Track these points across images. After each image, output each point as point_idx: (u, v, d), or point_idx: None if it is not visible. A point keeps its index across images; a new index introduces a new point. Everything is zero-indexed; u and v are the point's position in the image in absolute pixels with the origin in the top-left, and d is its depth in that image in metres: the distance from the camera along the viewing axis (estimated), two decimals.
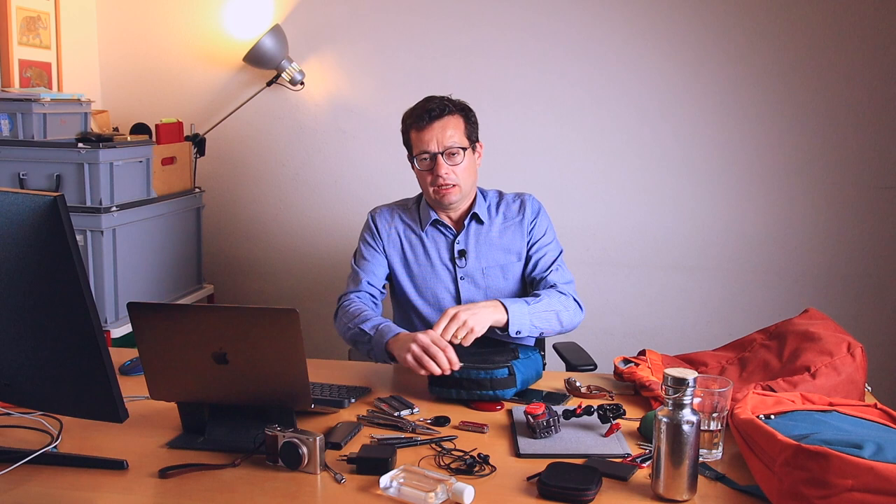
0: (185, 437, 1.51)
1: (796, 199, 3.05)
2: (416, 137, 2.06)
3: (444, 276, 2.12)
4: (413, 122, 2.06)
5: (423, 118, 2.03)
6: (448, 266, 2.12)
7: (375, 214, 2.21)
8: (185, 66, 3.28)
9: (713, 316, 3.13)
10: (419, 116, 2.05)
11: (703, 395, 1.42)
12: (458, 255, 2.11)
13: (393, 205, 2.24)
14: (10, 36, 2.78)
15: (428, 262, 2.13)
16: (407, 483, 1.30)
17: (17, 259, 1.28)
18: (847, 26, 2.93)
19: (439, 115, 2.03)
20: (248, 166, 3.32)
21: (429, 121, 2.03)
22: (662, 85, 3.05)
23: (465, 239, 2.12)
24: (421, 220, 2.16)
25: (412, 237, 2.15)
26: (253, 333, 1.41)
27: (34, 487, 1.33)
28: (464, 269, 2.11)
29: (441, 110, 2.04)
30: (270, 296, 3.34)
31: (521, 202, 2.17)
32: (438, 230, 2.14)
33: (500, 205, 2.17)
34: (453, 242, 2.13)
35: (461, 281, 2.11)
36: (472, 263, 2.11)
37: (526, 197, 2.19)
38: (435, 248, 2.13)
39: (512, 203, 2.17)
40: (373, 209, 2.23)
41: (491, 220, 2.14)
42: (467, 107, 2.11)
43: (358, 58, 3.19)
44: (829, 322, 1.78)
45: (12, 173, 2.51)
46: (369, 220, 2.21)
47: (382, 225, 2.17)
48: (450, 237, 2.13)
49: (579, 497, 1.27)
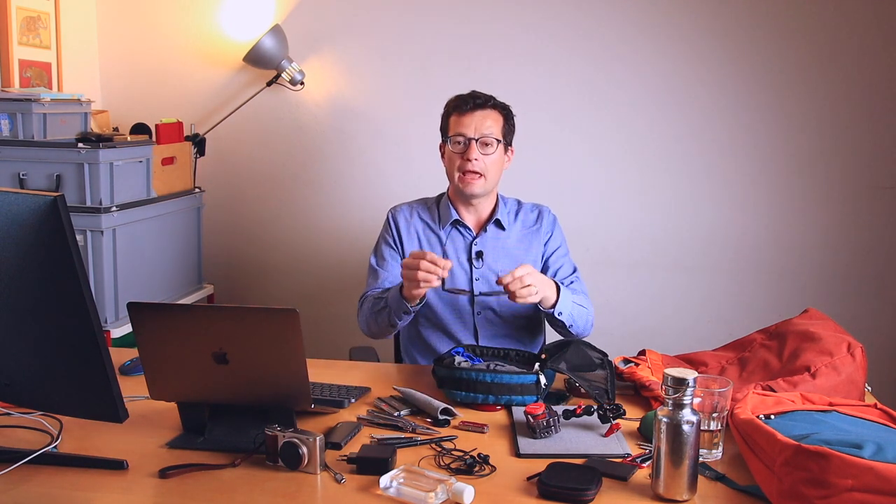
0: (185, 437, 1.51)
1: (796, 199, 3.05)
2: (455, 121, 2.09)
3: (460, 275, 2.12)
4: (455, 107, 2.11)
5: (467, 103, 2.08)
6: (465, 266, 2.13)
7: (396, 213, 2.22)
8: (185, 66, 3.28)
9: (713, 316, 3.13)
10: (463, 101, 2.09)
11: (703, 395, 1.42)
12: (476, 257, 2.12)
13: (413, 203, 2.25)
14: (10, 36, 2.78)
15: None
16: (407, 483, 1.30)
17: (17, 259, 1.28)
18: (847, 26, 2.93)
19: (482, 105, 2.08)
20: (248, 166, 3.32)
21: (472, 108, 2.07)
22: (662, 85, 3.05)
23: (482, 241, 2.14)
24: (440, 218, 2.18)
25: (431, 235, 2.17)
26: (253, 333, 1.41)
27: (34, 487, 1.32)
28: (480, 270, 2.12)
29: (485, 101, 2.09)
30: (270, 296, 3.34)
31: (538, 213, 2.21)
32: (458, 230, 2.16)
33: (519, 213, 2.20)
34: (471, 244, 2.14)
35: (476, 282, 2.11)
36: (488, 265, 2.12)
37: (543, 209, 2.23)
38: (453, 247, 2.15)
39: (530, 213, 2.21)
40: (393, 207, 2.25)
41: (510, 227, 2.17)
42: (510, 110, 2.15)
43: (358, 58, 3.19)
44: (829, 322, 1.78)
45: (12, 173, 2.51)
46: (389, 218, 2.22)
47: (402, 223, 2.19)
48: (468, 238, 2.15)
49: (579, 497, 1.27)
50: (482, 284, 2.11)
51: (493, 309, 2.11)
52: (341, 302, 3.16)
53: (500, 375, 1.67)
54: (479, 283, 2.11)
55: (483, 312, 2.11)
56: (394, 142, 3.21)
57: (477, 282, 2.11)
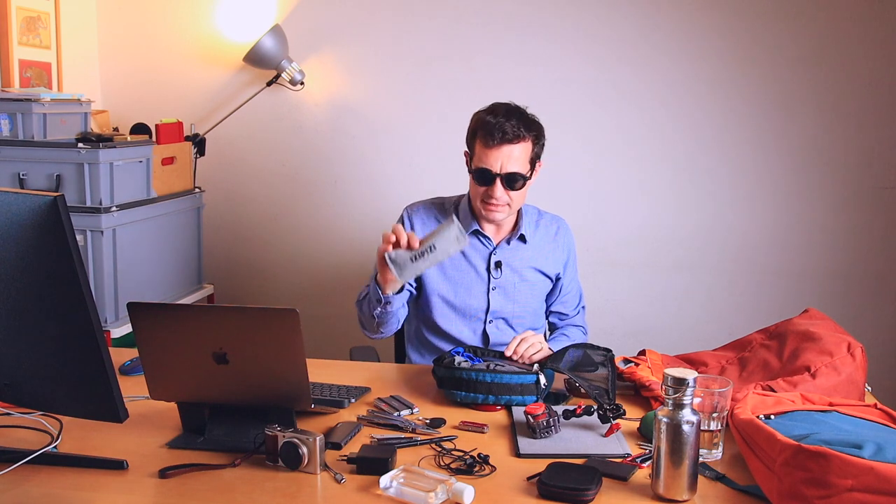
0: (185, 437, 1.51)
1: (796, 199, 3.05)
2: (481, 151, 1.96)
3: (478, 284, 2.09)
4: (483, 135, 1.96)
5: (495, 136, 1.93)
6: (483, 276, 2.10)
7: (412, 212, 2.14)
8: (185, 66, 3.28)
9: (713, 316, 3.13)
10: (490, 133, 1.93)
11: (703, 395, 1.42)
12: (495, 266, 2.09)
13: (430, 203, 2.17)
14: (10, 36, 2.78)
15: (462, 267, 2.09)
16: (407, 483, 1.30)
17: (17, 259, 1.28)
18: (847, 26, 2.93)
19: (511, 140, 1.94)
20: (248, 166, 3.32)
21: (499, 142, 1.93)
22: (662, 85, 3.05)
23: (502, 251, 2.11)
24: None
25: None
26: (253, 333, 1.41)
27: (34, 487, 1.32)
28: (498, 279, 2.09)
29: (515, 135, 1.94)
30: (270, 296, 3.34)
31: (557, 227, 2.18)
32: (478, 239, 2.10)
33: (540, 223, 2.16)
34: (491, 253, 2.10)
35: (493, 291, 2.09)
36: (506, 275, 2.10)
37: (562, 223, 2.20)
38: (472, 255, 2.10)
39: (549, 225, 2.17)
40: (409, 205, 2.16)
41: (531, 239, 2.13)
42: (541, 129, 2.03)
43: (358, 58, 3.19)
44: (829, 322, 1.78)
45: (12, 173, 2.51)
46: (405, 217, 2.14)
47: (418, 224, 2.12)
48: (488, 248, 2.10)
49: (579, 497, 1.27)
50: (498, 295, 2.08)
51: (506, 318, 2.10)
52: (341, 302, 3.16)
53: (500, 375, 1.67)
54: (495, 293, 2.08)
55: (495, 321, 2.10)
56: (394, 141, 3.21)
57: (494, 291, 2.09)
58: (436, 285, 2.09)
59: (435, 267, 2.07)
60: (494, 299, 2.09)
